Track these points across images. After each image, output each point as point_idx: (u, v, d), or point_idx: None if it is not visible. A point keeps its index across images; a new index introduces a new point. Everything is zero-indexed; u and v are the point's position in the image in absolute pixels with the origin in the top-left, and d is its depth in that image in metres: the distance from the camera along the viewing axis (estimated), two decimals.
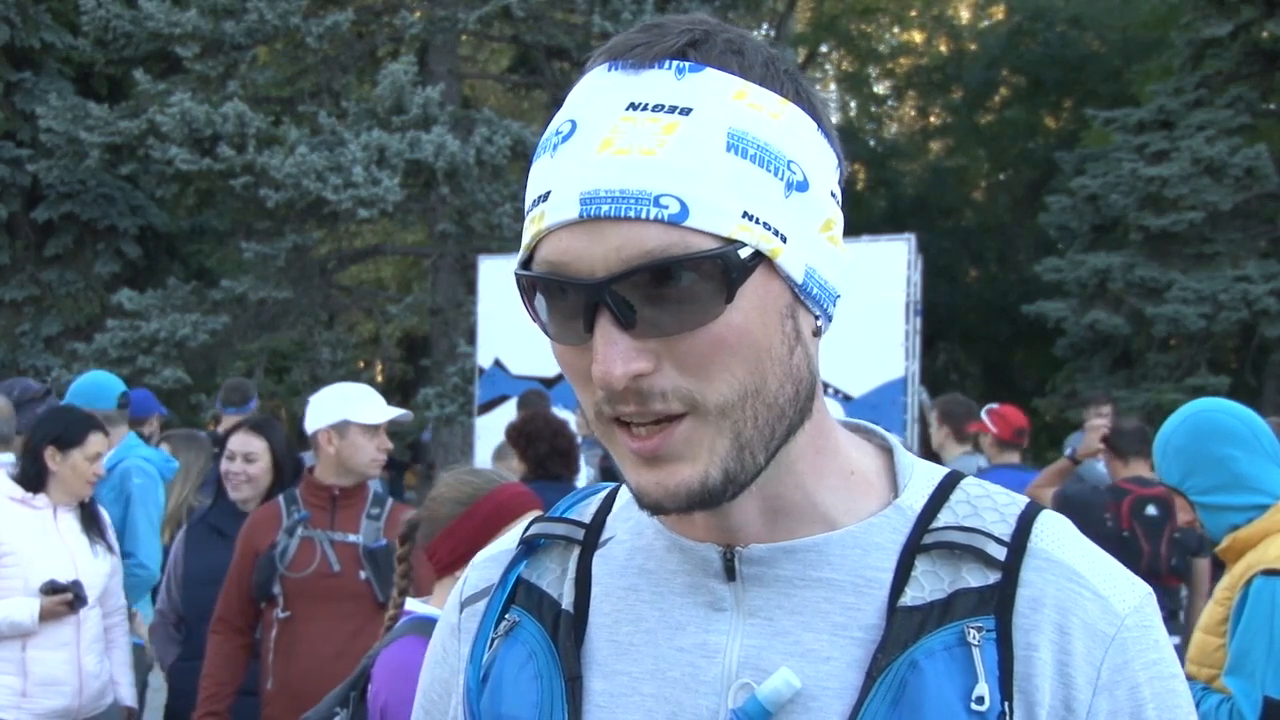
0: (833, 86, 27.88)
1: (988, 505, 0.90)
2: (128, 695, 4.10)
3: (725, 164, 0.78)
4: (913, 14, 27.27)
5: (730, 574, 0.89)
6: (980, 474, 5.13)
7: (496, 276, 10.36)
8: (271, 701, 3.60)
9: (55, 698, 3.73)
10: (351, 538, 3.62)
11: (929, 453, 6.95)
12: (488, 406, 10.13)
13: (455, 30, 14.08)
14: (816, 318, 0.85)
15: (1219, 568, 2.87)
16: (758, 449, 0.82)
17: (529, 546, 1.01)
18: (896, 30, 28.12)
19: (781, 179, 0.81)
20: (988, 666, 0.82)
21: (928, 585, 0.86)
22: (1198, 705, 2.65)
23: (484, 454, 9.60)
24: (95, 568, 3.90)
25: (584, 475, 6.74)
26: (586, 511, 1.01)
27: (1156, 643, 0.87)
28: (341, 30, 13.76)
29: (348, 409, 3.70)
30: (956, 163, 25.09)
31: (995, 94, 25.02)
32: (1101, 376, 15.62)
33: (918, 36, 27.81)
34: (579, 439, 7.30)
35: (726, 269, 0.77)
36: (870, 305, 8.85)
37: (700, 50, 0.82)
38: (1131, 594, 0.88)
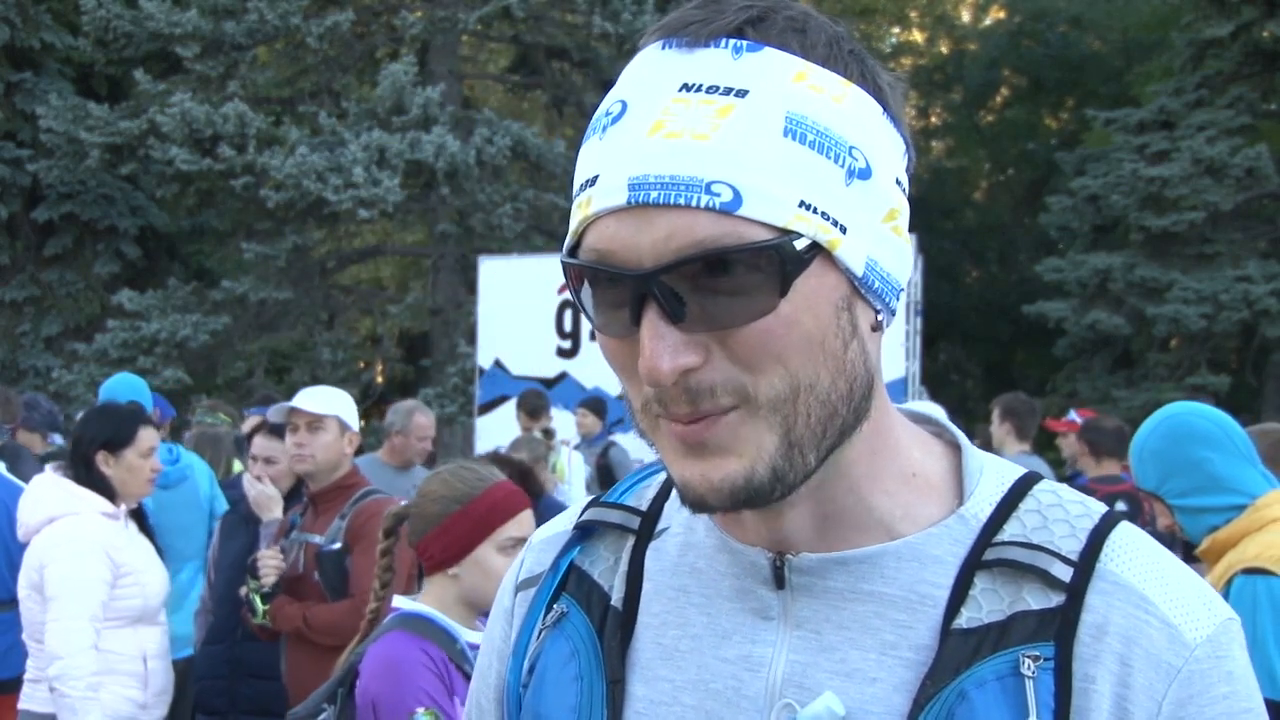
0: None
1: (1059, 516, 0.84)
2: None
3: (782, 150, 0.74)
4: (913, 14, 27.28)
5: (779, 582, 0.85)
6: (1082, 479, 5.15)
7: (496, 277, 10.36)
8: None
9: (161, 706, 3.69)
10: (315, 539, 3.63)
11: None
12: (488, 407, 10.13)
13: (455, 30, 14.08)
14: (877, 311, 0.81)
15: (1190, 561, 2.89)
16: (808, 448, 0.78)
17: (584, 531, 0.98)
18: (897, 30, 28.13)
19: (842, 166, 0.76)
20: (1041, 699, 0.77)
21: (986, 605, 0.80)
22: None
23: None
24: (165, 576, 3.80)
25: (580, 475, 6.75)
26: (645, 496, 0.98)
27: (1230, 674, 0.79)
28: (341, 30, 13.76)
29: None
30: (957, 163, 25.11)
31: (996, 94, 25.04)
32: (1102, 376, 15.63)
33: (918, 36, 27.83)
34: (576, 440, 7.32)
35: (781, 261, 0.74)
36: None
37: (759, 28, 0.77)
38: (1206, 622, 0.80)
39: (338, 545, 3.53)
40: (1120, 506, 4.91)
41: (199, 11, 13.65)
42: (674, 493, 0.94)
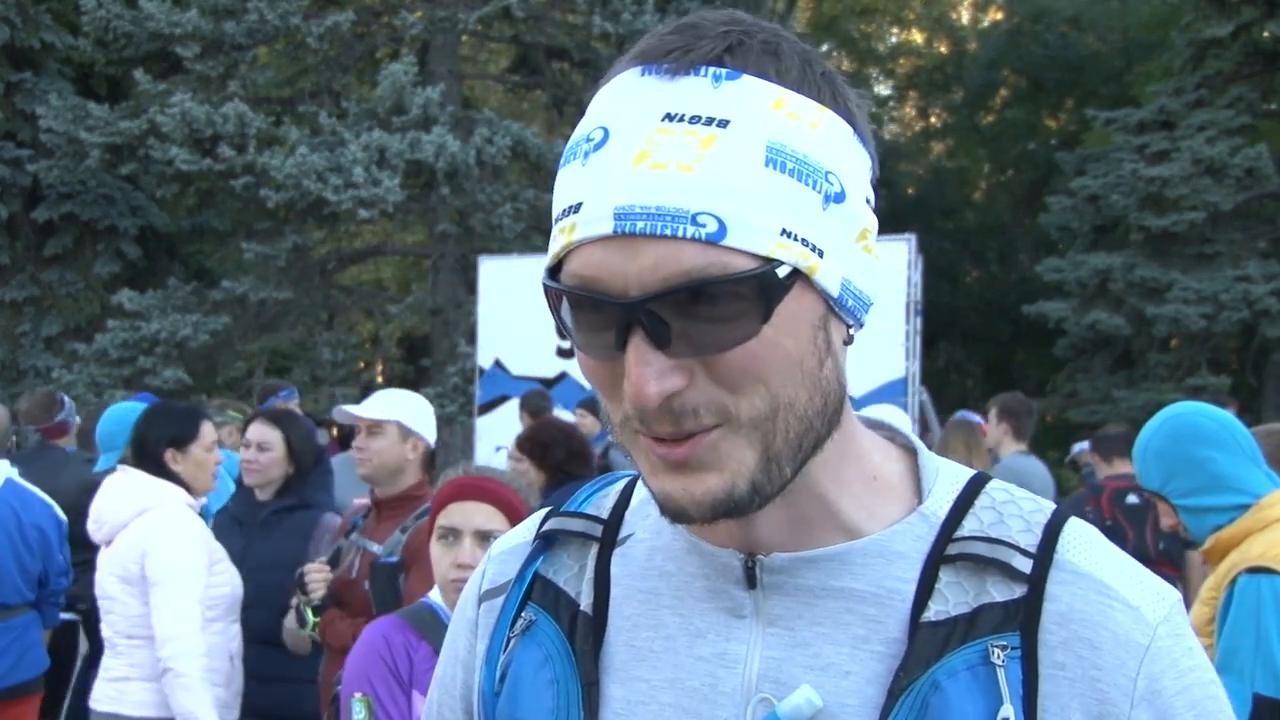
0: None
1: (1013, 512, 0.88)
2: None
3: (764, 180, 0.76)
4: (912, 14, 27.30)
5: (751, 581, 0.87)
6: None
7: (496, 277, 10.35)
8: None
9: (237, 708, 3.66)
10: (374, 547, 3.48)
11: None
12: (488, 407, 10.13)
13: (455, 31, 14.08)
14: (849, 327, 0.84)
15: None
16: (785, 462, 0.81)
17: (546, 541, 0.99)
18: (896, 30, 28.15)
19: (820, 192, 0.79)
20: (1012, 687, 0.81)
21: (952, 598, 0.84)
22: None
23: (484, 454, 9.60)
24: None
25: None
26: (604, 505, 1.00)
27: (1190, 649, 0.85)
28: (341, 30, 13.76)
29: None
30: (957, 163, 25.13)
31: (996, 94, 25.04)
32: (1102, 376, 15.63)
33: (918, 37, 27.84)
34: None
35: (765, 289, 0.76)
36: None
37: (737, 55, 0.79)
38: (1161, 602, 0.86)
39: (394, 559, 3.36)
40: (1131, 499, 4.95)
41: (199, 11, 13.64)
42: (634, 500, 0.99)
